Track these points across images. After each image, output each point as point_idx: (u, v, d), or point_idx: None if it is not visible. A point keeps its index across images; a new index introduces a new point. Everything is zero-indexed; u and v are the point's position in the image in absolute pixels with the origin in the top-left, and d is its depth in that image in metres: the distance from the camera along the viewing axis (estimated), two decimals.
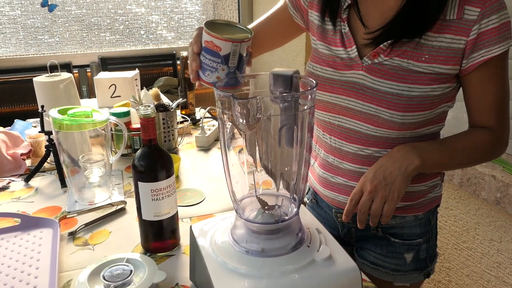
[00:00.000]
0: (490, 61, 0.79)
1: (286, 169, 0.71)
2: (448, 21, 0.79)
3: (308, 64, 0.97)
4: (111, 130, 1.29)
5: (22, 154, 1.32)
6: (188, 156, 1.42)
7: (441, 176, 1.00)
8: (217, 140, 1.55)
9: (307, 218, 0.78)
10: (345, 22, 0.87)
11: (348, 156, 0.93)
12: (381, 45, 0.82)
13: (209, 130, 1.53)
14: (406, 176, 0.80)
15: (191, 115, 1.76)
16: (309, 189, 1.13)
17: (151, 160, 0.84)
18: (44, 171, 1.29)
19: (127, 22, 3.26)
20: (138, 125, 1.34)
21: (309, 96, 0.66)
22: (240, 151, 0.69)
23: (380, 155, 0.90)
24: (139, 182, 0.84)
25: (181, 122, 1.64)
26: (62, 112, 1.04)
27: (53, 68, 1.36)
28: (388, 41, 0.81)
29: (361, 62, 0.85)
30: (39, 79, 1.31)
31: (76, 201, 1.10)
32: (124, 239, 0.95)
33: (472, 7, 0.77)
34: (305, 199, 1.15)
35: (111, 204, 1.09)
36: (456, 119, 1.50)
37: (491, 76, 0.82)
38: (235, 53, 0.72)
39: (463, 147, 0.86)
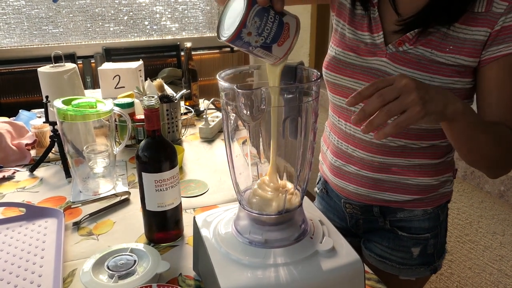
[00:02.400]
0: (509, 57, 0.77)
1: (290, 160, 0.71)
2: (476, 14, 0.77)
3: (330, 47, 0.96)
4: (115, 121, 1.30)
5: (27, 145, 1.33)
6: (192, 147, 1.42)
7: (453, 172, 0.98)
8: (220, 131, 1.55)
9: (311, 209, 0.78)
10: (375, 7, 0.86)
11: (362, 144, 0.93)
12: (407, 34, 0.81)
13: (213, 121, 1.53)
14: (440, 112, 0.67)
15: (195, 106, 1.76)
16: (320, 179, 1.13)
17: (155, 151, 0.84)
18: (48, 162, 1.29)
19: (131, 13, 3.25)
20: (142, 116, 1.34)
21: (313, 88, 0.65)
22: (243, 143, 0.69)
23: (394, 144, 0.89)
24: (143, 173, 0.84)
25: (185, 113, 1.64)
26: (67, 102, 1.04)
27: (58, 59, 1.36)
28: (416, 30, 0.80)
29: (385, 49, 0.85)
30: (44, 70, 1.31)
31: (80, 192, 1.11)
32: (128, 229, 0.96)
33: (501, 0, 0.75)
34: (315, 189, 1.15)
35: (115, 195, 1.09)
36: None
37: (510, 74, 0.78)
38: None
39: (494, 130, 0.77)
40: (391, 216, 0.98)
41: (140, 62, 1.91)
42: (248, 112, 0.60)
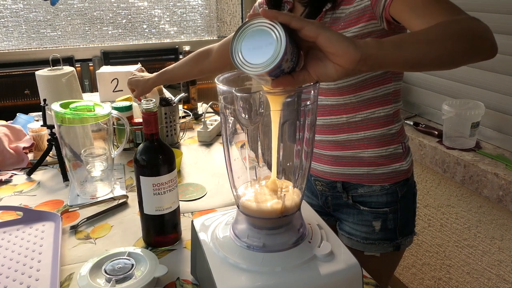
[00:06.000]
0: None
1: (288, 164, 0.71)
2: None
3: None
4: (113, 124, 1.29)
5: (24, 148, 1.32)
6: (190, 151, 1.42)
7: (403, 146, 1.02)
8: (219, 135, 1.55)
9: (309, 213, 0.78)
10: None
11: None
12: None
13: (211, 125, 1.53)
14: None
15: (193, 109, 1.76)
16: None
17: (153, 154, 0.84)
18: (46, 165, 1.29)
19: (129, 16, 3.25)
20: (140, 120, 1.34)
21: (312, 92, 0.65)
22: (242, 146, 0.69)
23: (339, 122, 0.98)
24: (141, 177, 0.84)
25: (183, 117, 1.64)
26: (64, 106, 1.04)
27: (55, 62, 1.36)
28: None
29: None
30: (41, 73, 1.31)
31: (78, 195, 1.10)
32: (125, 233, 0.96)
33: None
34: None
35: (113, 198, 1.09)
36: (459, 117, 1.49)
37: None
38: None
39: (428, 30, 0.67)
40: (353, 191, 1.05)
41: (139, 65, 1.91)
42: (247, 116, 0.60)
